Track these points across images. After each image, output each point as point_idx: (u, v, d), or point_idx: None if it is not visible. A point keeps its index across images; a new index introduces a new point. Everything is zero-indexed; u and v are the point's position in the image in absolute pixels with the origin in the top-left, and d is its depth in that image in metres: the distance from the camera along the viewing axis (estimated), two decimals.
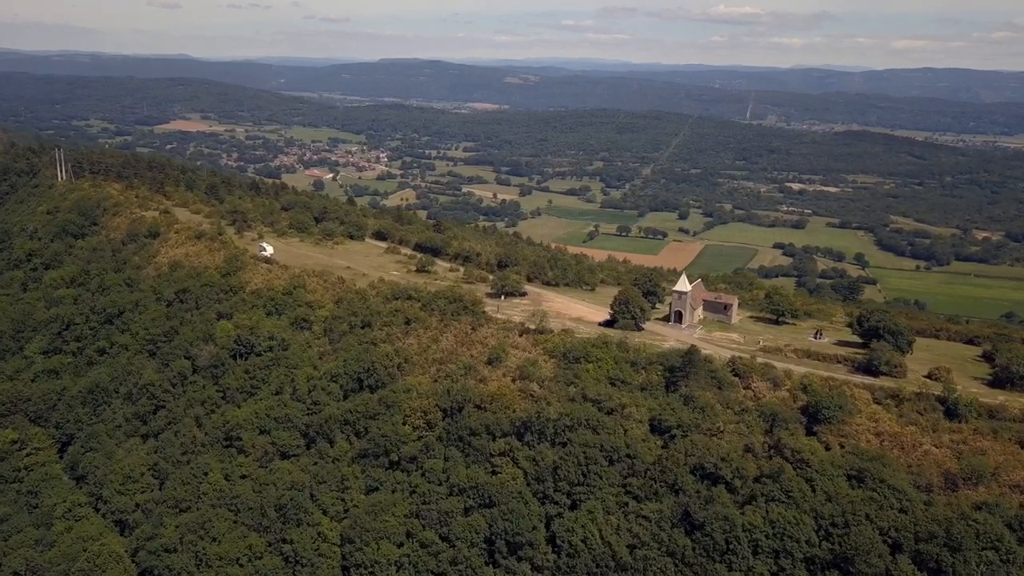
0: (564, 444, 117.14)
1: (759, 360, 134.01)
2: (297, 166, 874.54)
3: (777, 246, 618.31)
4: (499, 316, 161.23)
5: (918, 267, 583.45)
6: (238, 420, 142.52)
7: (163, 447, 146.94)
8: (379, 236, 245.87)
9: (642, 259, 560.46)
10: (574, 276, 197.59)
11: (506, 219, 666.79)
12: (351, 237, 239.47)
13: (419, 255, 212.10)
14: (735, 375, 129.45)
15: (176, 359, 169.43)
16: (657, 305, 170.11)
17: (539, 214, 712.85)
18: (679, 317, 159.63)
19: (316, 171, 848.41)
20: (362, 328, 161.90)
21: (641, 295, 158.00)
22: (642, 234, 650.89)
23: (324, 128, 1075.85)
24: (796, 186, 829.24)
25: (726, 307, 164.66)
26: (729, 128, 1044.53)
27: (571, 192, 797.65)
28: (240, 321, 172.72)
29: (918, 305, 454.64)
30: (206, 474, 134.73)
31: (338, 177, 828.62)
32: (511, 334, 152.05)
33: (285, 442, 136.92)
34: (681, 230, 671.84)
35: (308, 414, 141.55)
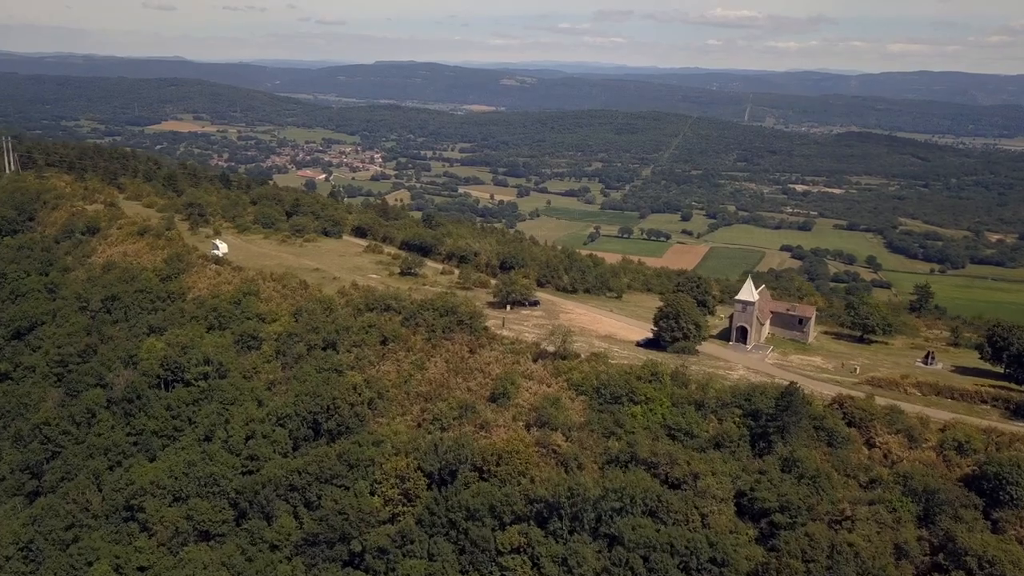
0: (611, 539, 74.81)
1: (875, 399, 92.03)
2: (289, 166, 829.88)
3: (785, 248, 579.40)
4: (505, 333, 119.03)
5: (932, 270, 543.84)
6: (146, 481, 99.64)
7: (44, 517, 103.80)
8: (359, 233, 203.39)
9: (647, 261, 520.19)
10: (595, 280, 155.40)
11: (504, 220, 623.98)
12: (326, 234, 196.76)
13: (405, 254, 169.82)
14: (848, 424, 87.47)
15: (87, 388, 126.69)
16: (707, 317, 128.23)
17: (538, 215, 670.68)
18: (743, 335, 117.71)
19: (308, 171, 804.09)
20: (324, 349, 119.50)
21: (695, 305, 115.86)
22: (644, 236, 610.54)
23: (318, 129, 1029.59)
24: (800, 187, 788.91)
25: (801, 321, 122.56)
26: (729, 129, 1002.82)
27: (570, 193, 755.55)
28: (173, 337, 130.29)
29: (939, 310, 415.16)
30: (91, 564, 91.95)
31: (331, 178, 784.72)
32: (522, 359, 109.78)
33: (205, 516, 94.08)
34: (684, 232, 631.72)
35: (242, 473, 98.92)
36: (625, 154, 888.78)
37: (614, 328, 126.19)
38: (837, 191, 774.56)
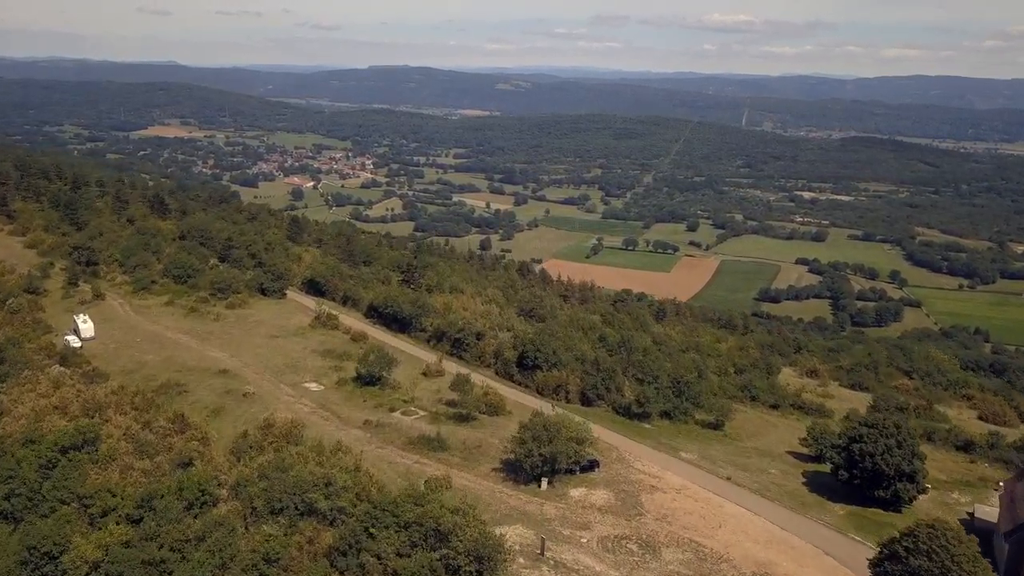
0: None
1: None
2: (277, 173, 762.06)
3: (801, 262, 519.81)
4: None
5: (961, 286, 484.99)
6: None
7: None
8: (313, 287, 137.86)
9: (654, 276, 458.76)
10: (674, 393, 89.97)
11: (501, 231, 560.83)
12: (263, 291, 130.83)
13: (370, 341, 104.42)
14: None
15: None
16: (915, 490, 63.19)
17: (536, 225, 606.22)
18: None
19: (296, 178, 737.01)
20: None
21: (969, 537, 50.81)
22: (650, 247, 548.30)
23: (309, 134, 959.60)
24: (807, 194, 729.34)
25: None
26: (729, 134, 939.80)
27: (569, 201, 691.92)
28: None
29: (980, 334, 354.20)
30: None
31: (319, 185, 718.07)
32: None
33: None
34: (692, 243, 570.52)
35: None
36: (625, 160, 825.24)
37: (758, 543, 60.73)
38: (846, 198, 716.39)
